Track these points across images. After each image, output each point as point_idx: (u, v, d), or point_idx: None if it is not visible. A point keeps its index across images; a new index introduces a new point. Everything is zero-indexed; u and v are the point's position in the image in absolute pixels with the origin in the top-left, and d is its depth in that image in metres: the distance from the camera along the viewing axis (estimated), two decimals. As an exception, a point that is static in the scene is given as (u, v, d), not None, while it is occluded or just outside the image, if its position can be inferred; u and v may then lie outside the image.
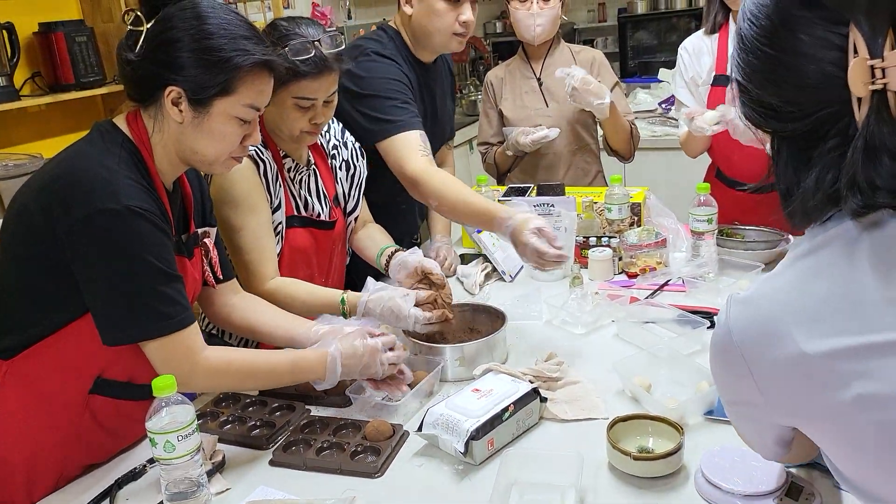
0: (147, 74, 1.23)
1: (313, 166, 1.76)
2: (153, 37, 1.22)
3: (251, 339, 1.62)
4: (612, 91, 2.46)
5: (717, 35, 2.14)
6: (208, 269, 1.43)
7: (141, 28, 1.23)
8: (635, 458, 1.14)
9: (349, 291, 1.61)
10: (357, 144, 1.85)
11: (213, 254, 1.43)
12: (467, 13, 1.89)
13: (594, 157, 2.52)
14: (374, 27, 2.15)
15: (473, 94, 4.80)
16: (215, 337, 1.71)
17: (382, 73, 1.88)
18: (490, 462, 1.24)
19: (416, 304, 1.53)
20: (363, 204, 1.90)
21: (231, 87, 1.23)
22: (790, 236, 1.98)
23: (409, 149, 1.82)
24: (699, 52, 2.17)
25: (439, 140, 2.17)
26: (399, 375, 1.44)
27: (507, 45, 5.48)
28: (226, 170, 1.38)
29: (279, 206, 1.65)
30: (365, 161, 1.85)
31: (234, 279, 1.52)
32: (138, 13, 1.24)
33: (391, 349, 1.43)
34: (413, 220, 2.23)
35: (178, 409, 1.12)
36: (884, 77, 0.63)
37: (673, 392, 1.37)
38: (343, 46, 1.59)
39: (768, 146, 0.79)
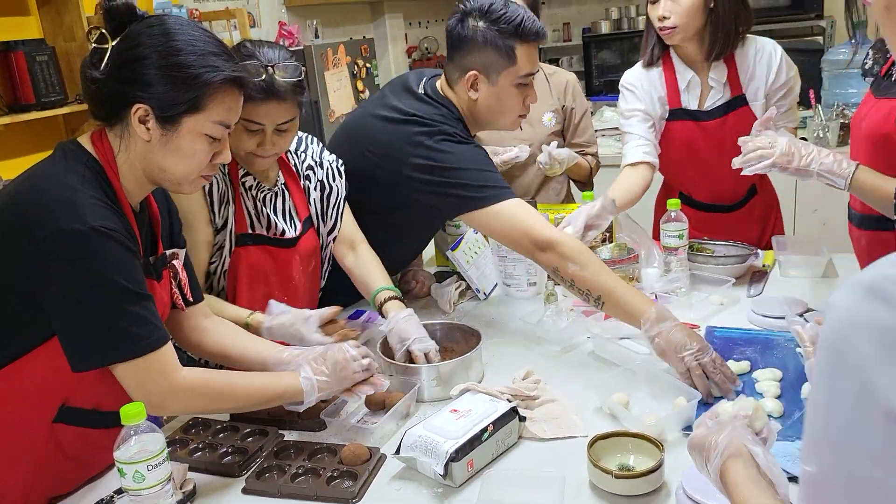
0: (113, 92, 1.20)
1: (282, 187, 1.73)
2: (119, 54, 1.20)
3: (223, 365, 1.58)
4: (582, 116, 2.49)
5: (659, 69, 2.07)
6: (177, 292, 1.39)
7: (106, 46, 1.20)
8: (616, 477, 1.13)
9: (256, 313, 1.59)
10: (335, 164, 1.82)
11: (182, 275, 1.40)
12: (533, 94, 1.79)
13: (565, 177, 2.54)
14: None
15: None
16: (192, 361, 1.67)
17: (472, 150, 1.74)
18: (470, 484, 1.22)
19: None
20: (351, 223, 1.86)
21: (200, 103, 1.20)
22: (759, 251, 2.01)
23: (529, 213, 1.66)
24: (645, 87, 2.08)
25: None
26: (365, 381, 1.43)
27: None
28: (194, 189, 1.35)
29: (225, 224, 1.62)
30: (343, 180, 1.82)
31: (204, 302, 1.49)
32: (103, 31, 1.22)
33: (364, 357, 1.41)
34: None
35: (147, 438, 1.08)
36: None
37: (651, 408, 1.37)
38: (301, 78, 1.56)
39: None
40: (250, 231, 1.66)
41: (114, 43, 1.20)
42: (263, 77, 1.49)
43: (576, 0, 5.79)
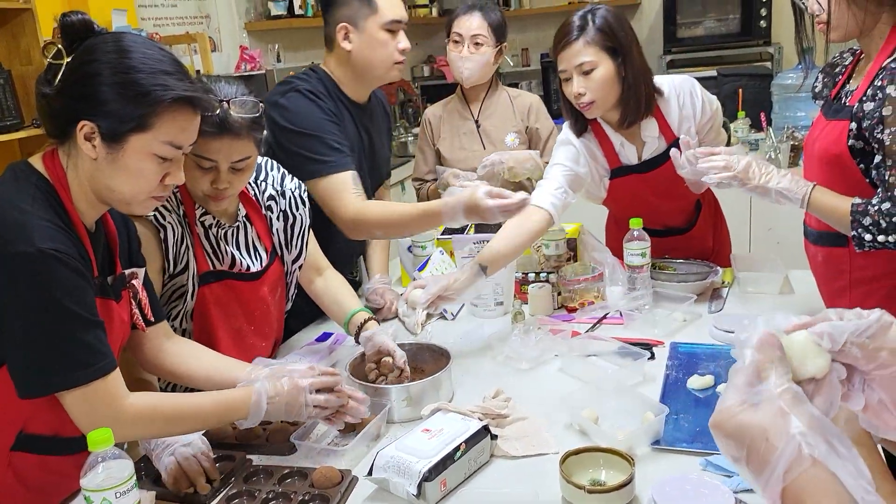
0: (62, 108, 1.18)
1: (243, 219, 1.71)
2: (72, 70, 1.18)
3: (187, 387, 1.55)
4: (549, 136, 2.53)
5: (590, 135, 2.01)
6: (137, 312, 1.37)
7: (61, 62, 1.18)
8: (589, 492, 1.14)
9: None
10: (297, 192, 1.80)
11: (143, 295, 1.37)
12: (404, 41, 1.96)
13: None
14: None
15: (403, 135, 4.84)
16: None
17: (312, 111, 1.88)
18: (443, 503, 1.22)
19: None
20: (316, 249, 1.86)
21: (147, 122, 1.17)
22: (718, 268, 2.06)
23: (342, 191, 1.83)
24: (584, 147, 2.00)
25: (377, 180, 2.17)
26: (342, 410, 1.39)
27: (434, 89, 5.56)
28: (146, 210, 1.32)
29: (185, 268, 1.59)
30: (307, 208, 1.81)
31: (166, 321, 1.46)
32: (60, 47, 1.20)
33: (330, 390, 1.37)
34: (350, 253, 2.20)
35: (114, 465, 1.05)
36: None
37: (620, 423, 1.39)
38: (258, 114, 1.53)
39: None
40: (212, 268, 1.63)
41: (68, 59, 1.19)
42: (217, 111, 1.43)
43: (534, 26, 5.90)
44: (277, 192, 1.77)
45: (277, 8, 3.98)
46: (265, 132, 1.58)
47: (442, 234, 2.21)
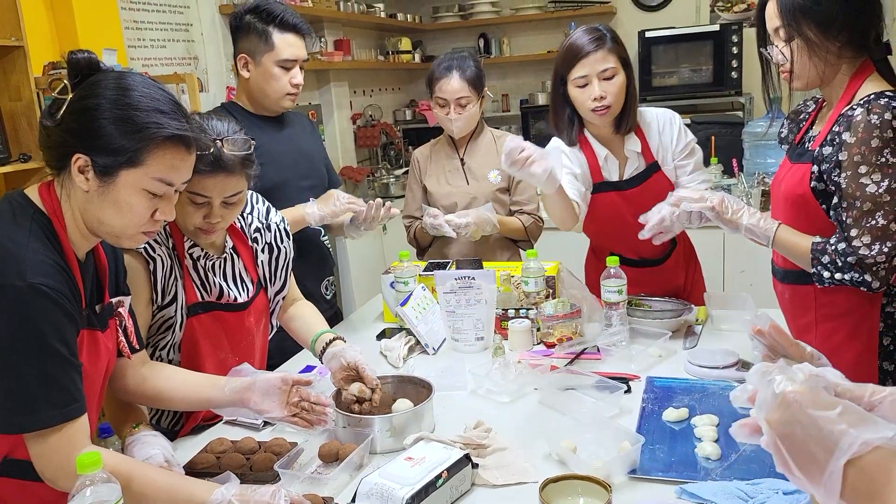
0: (59, 141, 1.22)
1: (230, 251, 1.76)
2: (72, 104, 1.22)
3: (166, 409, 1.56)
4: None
5: (577, 147, 2.16)
6: (123, 340, 1.39)
7: (66, 97, 1.23)
8: (568, 517, 1.17)
9: None
10: (282, 226, 1.86)
11: (128, 322, 1.40)
12: (298, 77, 2.18)
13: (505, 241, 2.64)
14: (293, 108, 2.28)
15: (385, 177, 4.92)
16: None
17: None
18: (425, 530, 1.24)
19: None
20: (292, 282, 1.90)
21: (139, 158, 1.20)
22: (692, 306, 2.12)
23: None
24: (571, 156, 2.15)
25: (320, 183, 2.33)
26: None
27: (416, 132, 5.67)
28: (135, 244, 1.36)
29: (173, 300, 1.62)
30: (291, 241, 1.86)
31: (144, 350, 1.48)
32: (66, 83, 1.25)
33: None
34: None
35: (103, 489, 1.07)
36: None
37: (597, 453, 1.42)
38: (250, 151, 1.59)
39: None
40: (201, 300, 1.67)
41: (71, 95, 1.23)
42: (211, 150, 1.48)
43: (513, 73, 6.05)
44: (263, 224, 1.82)
45: (264, 51, 4.07)
46: (255, 167, 1.63)
47: (424, 269, 2.25)
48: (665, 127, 2.16)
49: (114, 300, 1.37)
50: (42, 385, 1.14)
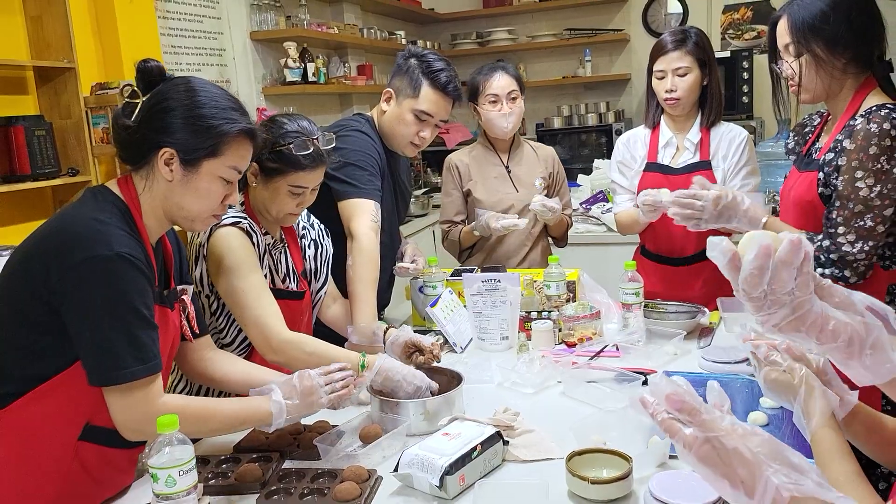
0: (142, 138, 1.39)
1: (285, 244, 1.91)
2: (149, 107, 1.39)
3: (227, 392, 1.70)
4: (563, 182, 2.82)
5: (650, 130, 2.46)
6: (185, 324, 1.53)
7: (137, 100, 1.40)
8: (592, 482, 1.29)
9: (369, 355, 1.73)
10: (322, 225, 2.03)
11: (191, 308, 1.55)
12: (426, 132, 2.24)
13: (548, 244, 2.81)
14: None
15: (406, 196, 5.08)
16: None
17: (359, 146, 2.14)
18: (462, 497, 1.36)
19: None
20: (331, 281, 2.05)
21: (218, 149, 1.39)
22: (705, 309, 2.24)
23: (364, 212, 2.07)
24: (634, 142, 2.49)
25: (400, 218, 2.43)
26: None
27: (433, 154, 5.84)
28: (205, 227, 1.52)
29: (265, 276, 1.79)
30: (330, 240, 2.02)
31: (209, 336, 1.62)
32: (135, 88, 1.41)
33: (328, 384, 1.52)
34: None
35: (178, 448, 1.20)
36: None
37: (626, 448, 1.44)
38: (334, 143, 1.80)
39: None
40: (272, 286, 1.82)
41: (144, 98, 1.40)
42: (312, 149, 1.72)
43: (529, 98, 6.17)
44: (308, 223, 1.99)
45: (292, 75, 4.25)
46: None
47: (451, 275, 2.39)
48: (734, 138, 2.40)
49: (178, 287, 1.51)
50: (128, 343, 1.29)
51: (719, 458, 0.84)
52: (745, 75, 5.08)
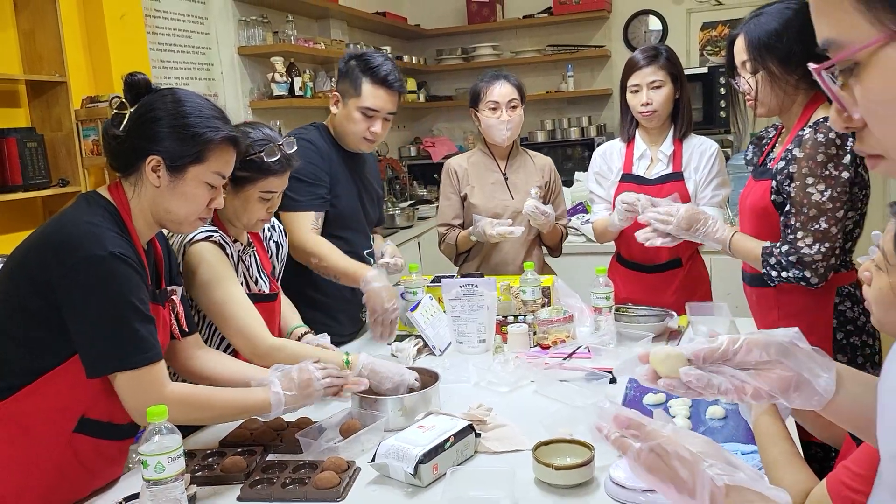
0: (130, 147, 1.47)
1: (253, 247, 2.00)
2: (137, 117, 1.48)
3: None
4: (559, 192, 2.90)
5: (625, 143, 2.57)
6: (174, 323, 1.61)
7: (125, 112, 1.49)
8: (556, 468, 1.38)
9: (352, 353, 1.83)
10: (280, 227, 2.15)
11: (180, 308, 1.63)
12: (376, 126, 2.32)
13: (542, 254, 2.90)
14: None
15: (391, 209, 5.17)
16: None
17: (300, 155, 2.17)
18: (435, 485, 1.44)
19: None
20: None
21: (203, 156, 1.47)
22: (673, 313, 2.34)
23: (302, 223, 2.24)
24: (611, 154, 2.60)
25: (371, 220, 2.54)
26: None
27: (420, 167, 5.96)
28: (192, 229, 1.62)
29: (241, 283, 1.87)
30: (287, 239, 2.17)
31: (198, 334, 1.71)
32: (123, 100, 1.50)
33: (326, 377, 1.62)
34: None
35: (167, 437, 1.28)
36: None
37: (592, 439, 1.58)
38: (295, 146, 1.88)
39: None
40: (248, 291, 1.89)
41: (132, 109, 1.49)
42: (280, 155, 1.81)
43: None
44: (269, 224, 2.09)
45: (279, 89, 4.35)
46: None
47: (432, 281, 2.48)
48: (705, 150, 2.52)
49: (168, 287, 1.60)
50: (128, 335, 1.37)
51: (664, 463, 0.89)
52: (723, 91, 5.23)
